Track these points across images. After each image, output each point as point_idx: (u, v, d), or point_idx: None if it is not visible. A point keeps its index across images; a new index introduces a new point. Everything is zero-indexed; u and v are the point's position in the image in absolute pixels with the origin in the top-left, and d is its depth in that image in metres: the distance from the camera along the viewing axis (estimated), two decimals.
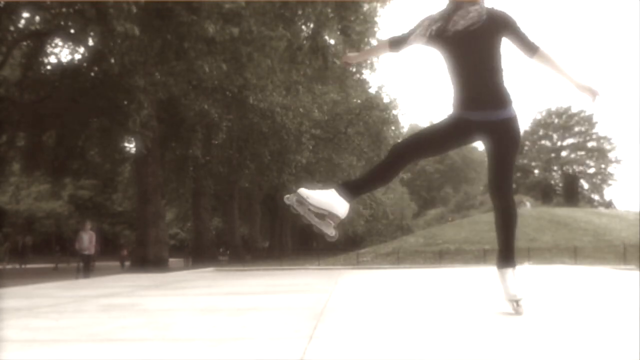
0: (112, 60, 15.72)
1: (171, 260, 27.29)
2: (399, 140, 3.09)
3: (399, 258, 25.87)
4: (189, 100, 21.03)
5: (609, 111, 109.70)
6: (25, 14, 18.90)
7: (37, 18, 19.36)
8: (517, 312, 2.64)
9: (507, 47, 2.75)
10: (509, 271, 2.74)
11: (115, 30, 13.29)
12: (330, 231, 2.68)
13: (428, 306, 3.00)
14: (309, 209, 2.68)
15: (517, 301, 2.67)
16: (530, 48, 2.72)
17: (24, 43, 20.98)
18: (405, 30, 2.88)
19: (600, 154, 67.35)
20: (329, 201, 2.66)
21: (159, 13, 14.66)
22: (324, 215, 2.67)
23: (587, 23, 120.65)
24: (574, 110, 68.38)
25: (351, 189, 2.73)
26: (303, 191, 2.70)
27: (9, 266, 27.10)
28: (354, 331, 2.30)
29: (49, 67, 22.35)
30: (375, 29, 27.74)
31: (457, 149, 3.31)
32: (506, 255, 2.76)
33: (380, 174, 2.81)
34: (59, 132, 22.92)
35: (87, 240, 14.25)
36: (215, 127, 23.34)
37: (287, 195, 2.74)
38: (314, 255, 30.92)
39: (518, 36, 2.71)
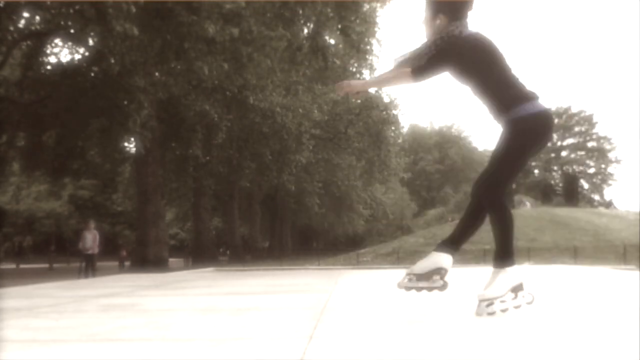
0: (112, 60, 15.71)
1: (171, 260, 27.31)
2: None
3: (399, 258, 25.85)
4: (189, 100, 21.01)
5: (609, 111, 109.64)
6: (25, 14, 18.90)
7: (37, 18, 19.36)
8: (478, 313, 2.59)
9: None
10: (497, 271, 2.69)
11: (115, 30, 13.29)
12: (439, 283, 2.75)
13: (428, 306, 3.00)
14: (417, 278, 2.82)
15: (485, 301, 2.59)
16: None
17: (24, 43, 20.97)
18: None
19: (600, 154, 67.37)
20: (433, 261, 2.80)
21: (158, 13, 14.65)
22: (431, 275, 2.77)
23: (587, 23, 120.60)
24: (574, 110, 68.44)
25: (451, 243, 2.86)
26: (408, 270, 2.90)
27: None
28: (354, 331, 2.30)
29: (49, 67, 22.35)
30: (375, 29, 27.77)
31: None
32: (501, 255, 2.73)
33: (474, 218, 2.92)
34: (59, 132, 22.90)
35: (91, 239, 14.24)
36: (215, 127, 23.32)
37: (398, 282, 2.92)
38: (314, 255, 30.94)
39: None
